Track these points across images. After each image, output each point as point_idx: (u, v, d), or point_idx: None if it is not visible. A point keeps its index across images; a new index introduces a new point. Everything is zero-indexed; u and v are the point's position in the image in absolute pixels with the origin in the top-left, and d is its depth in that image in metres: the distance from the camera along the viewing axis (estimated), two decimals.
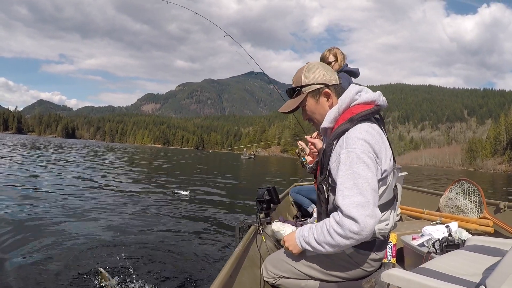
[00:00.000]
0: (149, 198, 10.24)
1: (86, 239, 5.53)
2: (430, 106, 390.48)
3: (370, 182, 1.69)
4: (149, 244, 5.63)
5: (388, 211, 1.93)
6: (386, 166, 1.81)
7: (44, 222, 6.40)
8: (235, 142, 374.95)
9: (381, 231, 1.92)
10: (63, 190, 10.30)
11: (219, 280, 1.84)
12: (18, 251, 4.83)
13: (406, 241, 3.22)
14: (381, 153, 1.80)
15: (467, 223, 3.69)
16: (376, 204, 1.69)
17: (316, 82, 1.97)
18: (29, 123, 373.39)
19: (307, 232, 1.89)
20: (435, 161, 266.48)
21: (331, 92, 1.98)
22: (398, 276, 1.55)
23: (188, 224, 7.41)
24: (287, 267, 2.08)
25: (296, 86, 2.03)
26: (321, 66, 2.02)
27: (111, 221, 7.02)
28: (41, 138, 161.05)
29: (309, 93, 1.99)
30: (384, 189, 1.87)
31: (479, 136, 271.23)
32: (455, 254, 2.08)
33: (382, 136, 1.85)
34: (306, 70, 2.01)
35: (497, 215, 3.90)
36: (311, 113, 2.04)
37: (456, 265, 1.80)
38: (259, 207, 3.04)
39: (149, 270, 4.51)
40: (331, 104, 1.98)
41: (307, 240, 1.87)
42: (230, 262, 2.12)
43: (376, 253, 1.95)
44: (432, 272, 1.68)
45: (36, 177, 12.89)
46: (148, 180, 15.64)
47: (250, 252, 2.62)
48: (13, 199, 8.32)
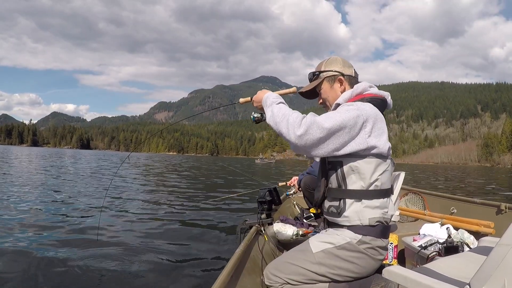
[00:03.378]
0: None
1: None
2: (443, 103, 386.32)
3: (343, 122, 1.81)
4: (149, 243, 5.68)
5: (385, 199, 2.01)
6: (376, 143, 1.91)
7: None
8: (249, 147, 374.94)
9: (384, 217, 1.99)
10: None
11: (221, 281, 1.86)
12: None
13: (407, 242, 3.24)
14: (375, 127, 1.93)
15: (468, 225, 3.70)
16: (329, 135, 1.80)
17: (333, 69, 2.20)
18: (44, 135, 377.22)
19: (277, 99, 2.07)
20: (451, 158, 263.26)
21: (345, 81, 2.18)
22: (396, 273, 1.58)
23: (189, 224, 7.44)
24: (293, 269, 1.98)
25: (316, 71, 2.28)
26: (341, 60, 2.24)
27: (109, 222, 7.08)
28: (57, 150, 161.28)
29: (326, 78, 2.21)
30: (383, 172, 1.97)
31: (494, 131, 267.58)
32: (460, 256, 2.10)
33: (383, 120, 2.01)
34: (327, 61, 2.26)
35: (498, 216, 3.93)
36: (325, 96, 2.24)
37: (458, 266, 1.81)
38: (260, 208, 3.10)
39: (148, 269, 4.51)
40: (343, 90, 2.17)
41: (271, 101, 2.05)
42: (232, 263, 2.14)
43: (382, 239, 2.00)
44: (432, 272, 1.72)
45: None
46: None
47: (251, 253, 2.64)
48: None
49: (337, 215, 1.98)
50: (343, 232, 1.95)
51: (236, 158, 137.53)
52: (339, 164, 1.96)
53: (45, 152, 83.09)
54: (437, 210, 4.60)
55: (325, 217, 2.12)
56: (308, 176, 4.54)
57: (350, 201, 1.94)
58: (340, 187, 1.98)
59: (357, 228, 1.93)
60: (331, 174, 2.03)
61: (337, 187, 2.00)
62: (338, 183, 1.99)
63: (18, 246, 5.20)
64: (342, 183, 1.97)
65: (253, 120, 2.36)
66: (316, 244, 1.99)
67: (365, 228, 1.92)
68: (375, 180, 1.94)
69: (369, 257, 1.95)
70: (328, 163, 2.04)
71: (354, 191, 1.94)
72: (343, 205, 1.96)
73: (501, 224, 3.60)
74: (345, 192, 1.96)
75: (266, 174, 28.36)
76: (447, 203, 4.71)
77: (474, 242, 3.08)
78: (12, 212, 7.50)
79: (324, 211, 2.10)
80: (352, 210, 1.93)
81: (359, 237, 1.92)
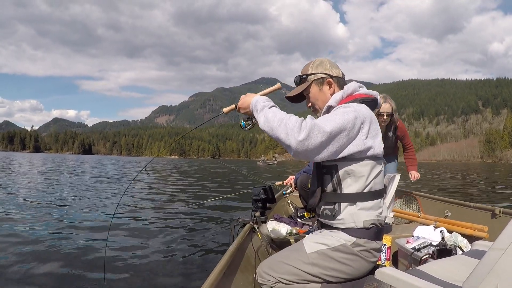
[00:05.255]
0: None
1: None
2: (444, 100, 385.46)
3: (343, 124, 1.80)
4: (141, 240, 5.76)
5: (379, 199, 2.02)
6: (372, 144, 1.93)
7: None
8: (251, 149, 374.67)
9: (378, 219, 1.99)
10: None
11: (213, 278, 1.84)
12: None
13: (400, 244, 3.24)
14: (371, 128, 1.94)
15: (462, 228, 3.70)
16: (331, 139, 1.78)
17: (320, 72, 2.16)
18: (46, 141, 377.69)
19: (268, 103, 1.99)
20: (453, 155, 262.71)
21: (334, 82, 2.14)
22: (388, 274, 1.59)
23: (182, 220, 7.50)
24: (286, 268, 1.97)
25: (303, 74, 2.22)
26: (327, 61, 2.20)
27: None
28: (59, 155, 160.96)
29: (314, 81, 2.17)
30: (377, 173, 1.98)
31: (495, 126, 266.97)
32: (453, 259, 2.09)
33: (377, 121, 2.01)
34: (313, 63, 2.21)
35: (492, 220, 3.91)
36: (314, 100, 2.20)
37: (451, 269, 1.81)
38: (254, 206, 3.07)
39: (140, 266, 4.55)
40: (333, 93, 2.14)
41: (262, 105, 1.97)
42: (224, 260, 2.12)
43: (376, 241, 2.00)
44: (424, 275, 1.72)
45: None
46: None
47: (244, 251, 2.62)
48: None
49: (332, 218, 1.97)
50: (338, 234, 1.95)
51: (238, 161, 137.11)
52: (335, 168, 1.94)
53: (49, 157, 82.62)
54: (432, 212, 4.60)
55: (319, 220, 2.11)
56: (304, 175, 4.54)
57: (345, 204, 1.93)
58: (335, 191, 1.97)
59: (351, 230, 1.92)
60: (326, 178, 2.01)
61: (332, 191, 1.99)
62: (333, 187, 1.97)
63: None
64: (337, 187, 1.96)
65: (243, 127, 2.24)
66: (310, 245, 1.98)
67: (359, 231, 1.92)
68: (370, 182, 1.94)
69: (363, 259, 1.95)
70: (323, 167, 2.01)
71: (350, 195, 1.93)
72: (337, 208, 1.95)
73: (495, 228, 3.61)
74: (340, 196, 1.95)
75: (269, 175, 28.26)
76: (442, 206, 4.69)
77: (467, 245, 3.09)
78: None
79: (318, 214, 2.09)
80: (346, 212, 1.93)
81: (353, 239, 1.92)
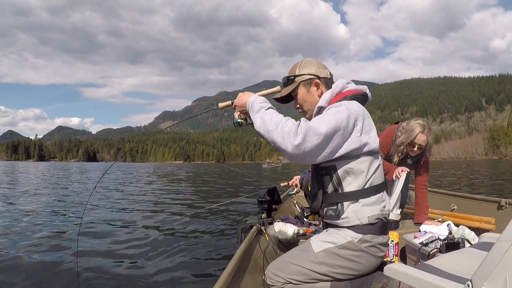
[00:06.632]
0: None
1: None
2: (447, 97, 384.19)
3: (337, 124, 1.78)
4: (151, 244, 5.76)
5: (380, 193, 2.03)
6: (368, 140, 1.94)
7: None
8: (255, 152, 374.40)
9: (382, 213, 2.00)
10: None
11: (222, 281, 1.85)
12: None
13: (408, 239, 3.25)
14: (365, 124, 1.94)
15: (469, 221, 3.71)
16: (326, 140, 1.76)
17: (308, 73, 2.15)
18: (50, 149, 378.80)
19: (265, 104, 1.94)
20: (458, 153, 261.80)
21: (321, 83, 2.13)
22: (397, 270, 1.59)
23: (190, 225, 7.47)
24: (294, 268, 1.97)
25: (290, 75, 2.21)
26: (315, 62, 2.19)
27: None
28: (64, 164, 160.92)
29: (301, 82, 2.15)
30: (376, 168, 1.99)
31: (499, 123, 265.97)
32: (461, 252, 2.08)
33: (369, 116, 2.02)
34: (301, 64, 2.20)
35: (499, 212, 3.93)
36: (302, 101, 2.19)
37: (460, 262, 1.79)
38: (260, 208, 3.09)
39: (150, 270, 4.56)
40: (320, 94, 2.13)
41: (259, 106, 1.93)
42: (233, 263, 2.13)
43: (383, 236, 2.02)
44: (433, 269, 1.70)
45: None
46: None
47: (252, 253, 2.62)
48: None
49: (336, 218, 1.97)
50: (344, 232, 1.95)
51: (243, 164, 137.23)
52: (333, 169, 1.94)
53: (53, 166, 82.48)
54: (438, 207, 4.58)
55: (324, 221, 2.11)
56: (310, 175, 4.55)
57: (348, 202, 1.94)
58: (336, 191, 1.98)
59: (357, 227, 1.93)
60: (326, 179, 2.01)
61: (333, 191, 1.99)
62: (334, 187, 1.98)
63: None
64: (338, 187, 1.96)
65: (236, 125, 2.28)
66: (318, 244, 1.98)
67: (365, 227, 1.92)
68: (370, 177, 1.95)
69: (371, 255, 1.96)
70: (322, 169, 2.01)
71: (351, 193, 1.94)
72: (341, 208, 1.95)
73: (502, 220, 3.62)
74: (342, 195, 1.95)
75: (274, 177, 28.31)
76: (448, 199, 4.70)
77: (475, 238, 3.09)
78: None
79: (323, 216, 2.09)
80: (350, 211, 1.93)
81: (360, 236, 1.93)
